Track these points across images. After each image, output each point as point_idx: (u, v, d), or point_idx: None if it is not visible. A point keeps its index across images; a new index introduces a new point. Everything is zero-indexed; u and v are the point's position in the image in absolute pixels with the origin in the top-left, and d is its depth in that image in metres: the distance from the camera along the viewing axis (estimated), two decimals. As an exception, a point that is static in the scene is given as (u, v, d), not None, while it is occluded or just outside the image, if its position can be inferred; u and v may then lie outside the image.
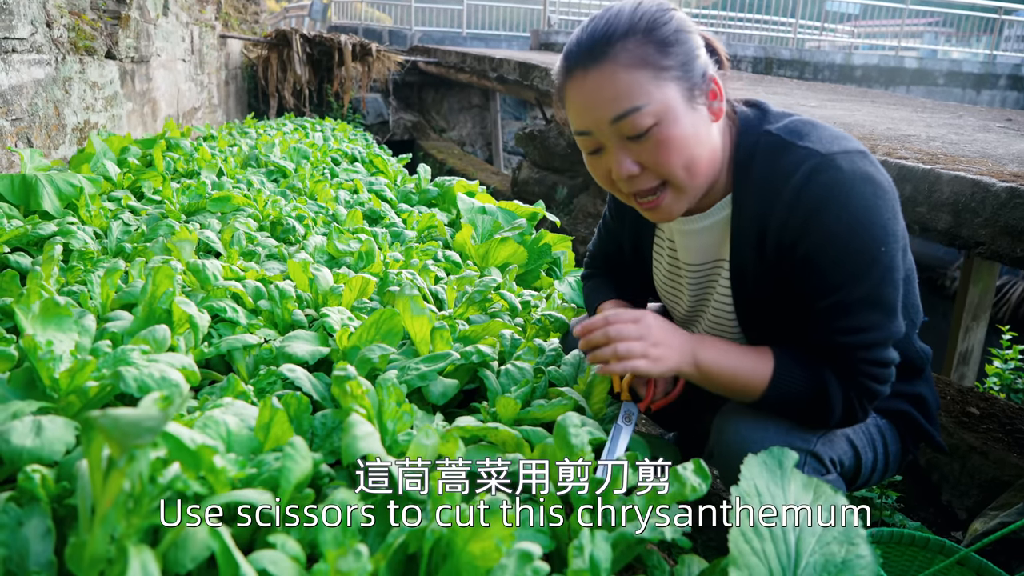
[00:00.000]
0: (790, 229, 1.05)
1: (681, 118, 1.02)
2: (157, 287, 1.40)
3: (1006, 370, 3.05)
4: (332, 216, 2.67)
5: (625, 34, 1.02)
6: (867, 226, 1.01)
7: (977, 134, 2.86)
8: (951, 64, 12.25)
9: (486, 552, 0.83)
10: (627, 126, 1.02)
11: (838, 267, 1.03)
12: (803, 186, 1.02)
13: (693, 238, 1.21)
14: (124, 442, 0.66)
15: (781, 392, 1.10)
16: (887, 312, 1.06)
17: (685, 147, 1.03)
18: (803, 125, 1.09)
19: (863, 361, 1.07)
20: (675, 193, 1.07)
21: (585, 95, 1.04)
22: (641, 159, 1.04)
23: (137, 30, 3.92)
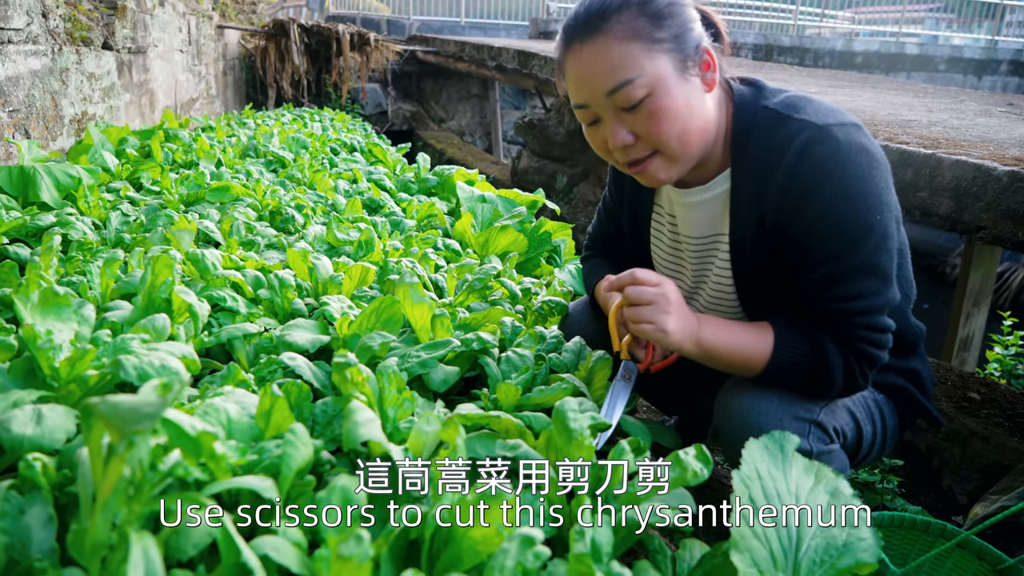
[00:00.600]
0: (788, 201, 1.07)
1: (673, 89, 1.05)
2: (156, 276, 1.40)
3: (1007, 356, 3.05)
4: (331, 205, 2.66)
5: (619, 7, 1.05)
6: (863, 195, 1.04)
7: (979, 119, 2.84)
8: (952, 50, 12.19)
9: (487, 537, 0.84)
10: (621, 98, 1.06)
11: (834, 235, 1.05)
12: (799, 158, 1.05)
13: (694, 211, 1.23)
14: (123, 428, 0.66)
15: (782, 364, 1.11)
16: (883, 279, 1.08)
17: (677, 118, 1.06)
18: (799, 100, 1.12)
19: (860, 327, 1.09)
20: (664, 160, 1.11)
21: (581, 68, 1.08)
22: (635, 129, 1.08)
23: (134, 20, 3.90)
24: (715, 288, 1.27)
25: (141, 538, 0.70)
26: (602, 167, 5.34)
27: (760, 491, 0.92)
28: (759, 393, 1.15)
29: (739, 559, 0.84)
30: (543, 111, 6.89)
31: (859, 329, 1.09)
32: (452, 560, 0.87)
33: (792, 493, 0.94)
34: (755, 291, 1.22)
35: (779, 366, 1.12)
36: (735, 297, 1.25)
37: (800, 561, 0.88)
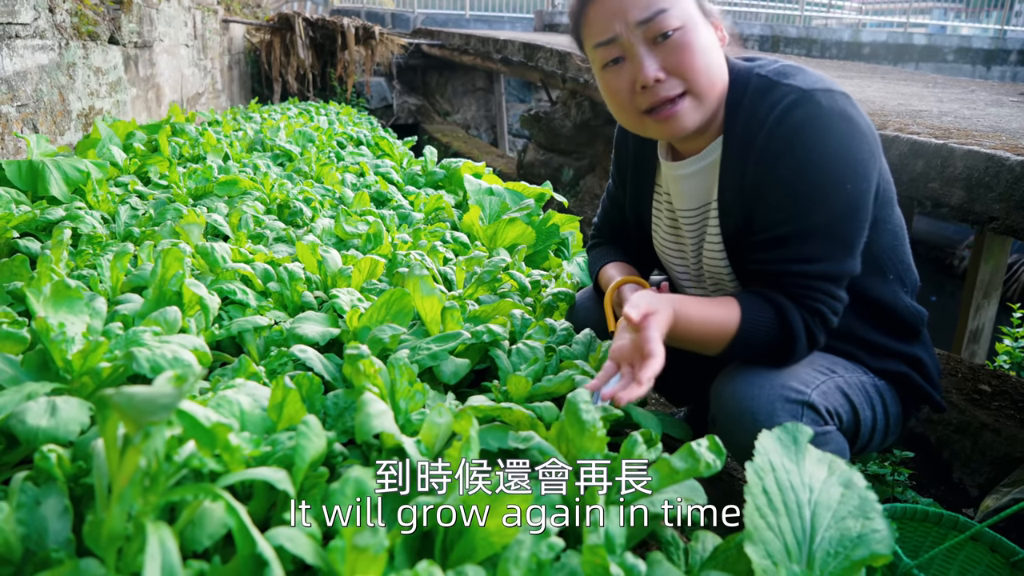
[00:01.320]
0: (764, 161, 1.10)
1: (701, 28, 1.10)
2: (167, 269, 1.40)
3: (1016, 348, 3.03)
4: (339, 199, 2.66)
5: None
6: (837, 160, 1.05)
7: (990, 108, 2.82)
8: (960, 40, 12.09)
9: (500, 529, 0.84)
10: (655, 27, 1.08)
11: (800, 194, 1.07)
12: (780, 120, 1.07)
13: (686, 182, 1.25)
14: (139, 419, 0.66)
15: (750, 330, 1.13)
16: (845, 247, 1.10)
17: (705, 53, 1.09)
18: (791, 68, 1.14)
19: (817, 289, 1.11)
20: (693, 101, 1.12)
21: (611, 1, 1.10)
22: (666, 63, 1.09)
23: (140, 15, 3.89)
24: (710, 259, 1.28)
25: (158, 529, 0.70)
26: (608, 160, 5.32)
27: (774, 482, 0.92)
28: (751, 379, 1.16)
29: (753, 551, 0.84)
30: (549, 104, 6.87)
31: (815, 292, 1.11)
32: (466, 552, 0.87)
33: (806, 485, 0.93)
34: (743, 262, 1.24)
35: (747, 332, 1.13)
36: (729, 268, 1.25)
37: (814, 553, 0.88)
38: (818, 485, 0.92)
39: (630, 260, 1.46)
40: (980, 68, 11.78)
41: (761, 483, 0.90)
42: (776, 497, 0.90)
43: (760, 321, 1.13)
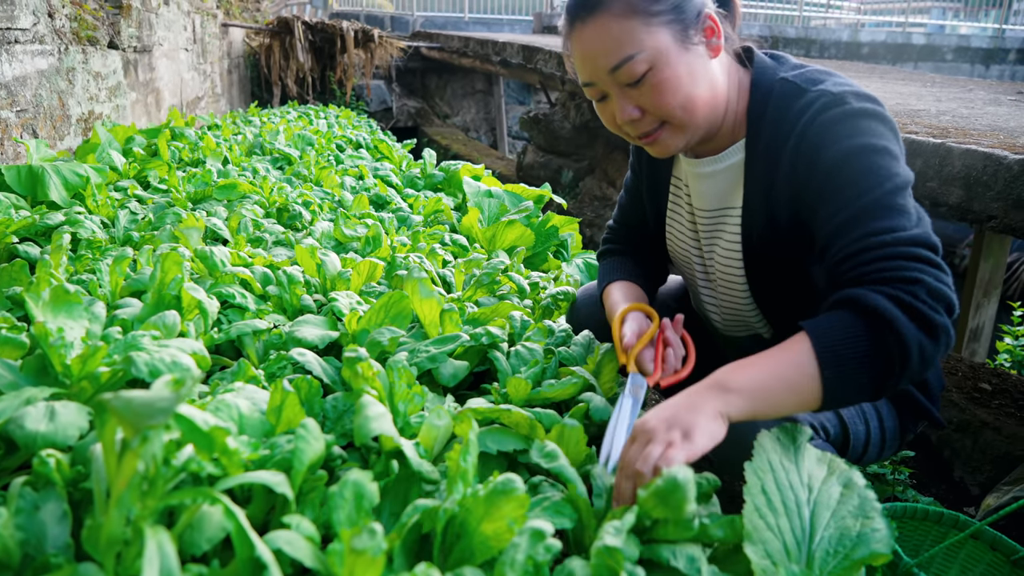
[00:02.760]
0: (800, 161, 1.06)
1: (674, 61, 1.06)
2: (166, 274, 1.40)
3: (1017, 346, 3.03)
4: (338, 202, 2.66)
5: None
6: (876, 148, 1.01)
7: (988, 107, 2.82)
8: (959, 39, 12.09)
9: (498, 532, 0.84)
10: (623, 75, 1.07)
11: (852, 181, 0.99)
12: (811, 121, 1.05)
13: (706, 182, 1.23)
14: (137, 423, 0.66)
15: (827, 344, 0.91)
16: (912, 218, 0.97)
17: (680, 88, 1.07)
18: (819, 73, 1.11)
19: (902, 256, 0.92)
20: (672, 129, 1.11)
21: (584, 47, 1.10)
22: (640, 103, 1.09)
23: (139, 19, 3.90)
24: (723, 265, 1.26)
25: (156, 533, 0.70)
26: (608, 162, 5.32)
27: (773, 482, 0.91)
28: None
29: (752, 551, 0.84)
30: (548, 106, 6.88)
31: (900, 261, 0.92)
32: (465, 554, 0.87)
33: (805, 484, 0.93)
34: (762, 267, 1.21)
35: (833, 355, 0.91)
36: (743, 274, 1.23)
37: (814, 552, 0.87)
38: (817, 484, 0.92)
39: (642, 272, 1.42)
40: (979, 67, 11.78)
41: (760, 483, 0.90)
42: (775, 497, 0.90)
43: (835, 326, 0.92)
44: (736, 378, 0.93)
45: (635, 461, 0.89)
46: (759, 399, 0.92)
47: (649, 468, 0.87)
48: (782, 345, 0.95)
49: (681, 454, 0.87)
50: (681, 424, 0.90)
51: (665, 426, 0.90)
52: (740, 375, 0.93)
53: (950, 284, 0.93)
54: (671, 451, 0.87)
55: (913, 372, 0.91)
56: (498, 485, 0.84)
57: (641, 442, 0.91)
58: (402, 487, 1.00)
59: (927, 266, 0.92)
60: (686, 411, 0.91)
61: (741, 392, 0.92)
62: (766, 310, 1.27)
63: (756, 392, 0.92)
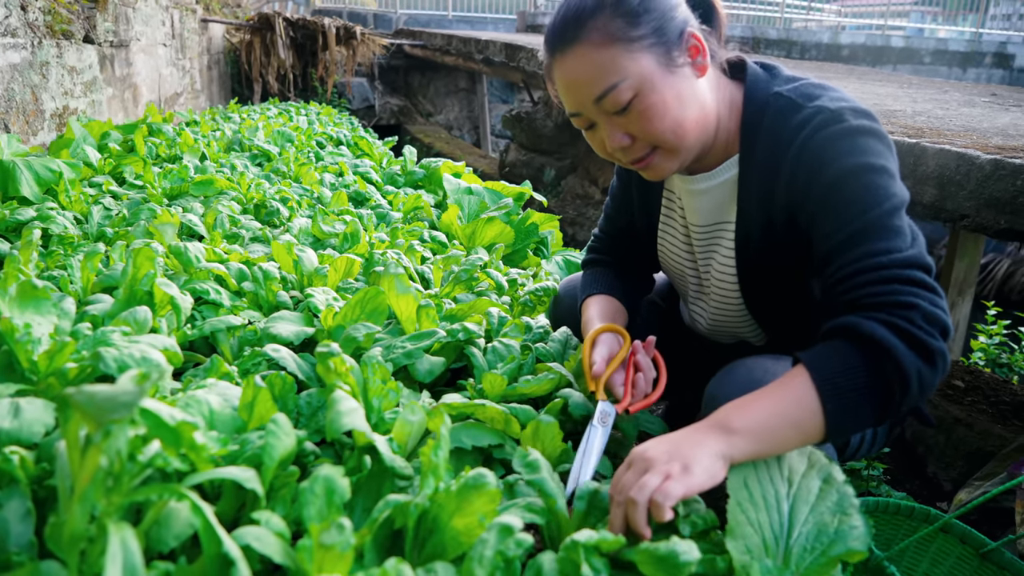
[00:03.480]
0: (798, 179, 1.05)
1: (660, 85, 1.03)
2: (138, 269, 1.38)
3: (991, 345, 3.07)
4: (317, 199, 2.65)
5: (593, 12, 1.03)
6: (875, 166, 0.99)
7: (962, 108, 2.86)
8: (937, 43, 12.25)
9: (470, 527, 0.83)
10: (609, 103, 1.04)
11: (852, 198, 0.98)
12: (809, 138, 1.03)
13: (700, 198, 1.21)
14: (100, 418, 0.65)
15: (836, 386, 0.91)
16: (908, 239, 0.97)
17: (667, 112, 1.04)
18: (814, 88, 1.09)
19: (896, 280, 0.92)
20: (665, 154, 1.09)
21: (566, 78, 1.07)
22: (629, 130, 1.07)
23: (115, 14, 3.85)
24: (719, 281, 1.24)
25: (120, 529, 0.69)
26: (590, 160, 5.34)
27: (754, 475, 0.91)
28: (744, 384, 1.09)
29: (733, 546, 0.83)
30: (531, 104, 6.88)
31: (893, 285, 0.92)
32: (437, 549, 0.86)
33: (785, 478, 0.92)
34: (758, 284, 1.19)
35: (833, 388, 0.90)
36: (738, 291, 1.22)
37: (791, 548, 0.87)
38: (797, 479, 0.92)
39: (624, 285, 1.40)
40: (956, 70, 11.95)
41: (742, 477, 0.90)
42: (756, 491, 0.89)
43: (833, 358, 0.92)
44: (738, 419, 0.91)
45: (630, 488, 0.87)
46: (763, 439, 0.90)
47: (644, 497, 0.84)
48: (780, 381, 0.94)
49: (679, 487, 0.84)
50: (681, 457, 0.88)
51: (665, 457, 0.88)
52: (742, 415, 0.91)
53: (945, 307, 0.92)
54: (668, 483, 0.85)
55: (913, 399, 0.90)
56: (469, 480, 0.83)
57: (638, 469, 0.89)
58: (375, 483, 0.99)
59: (922, 289, 0.92)
60: (688, 446, 0.89)
61: (744, 433, 0.90)
62: (761, 320, 1.26)
63: (759, 432, 0.90)
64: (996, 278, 7.38)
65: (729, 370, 1.15)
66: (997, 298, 7.01)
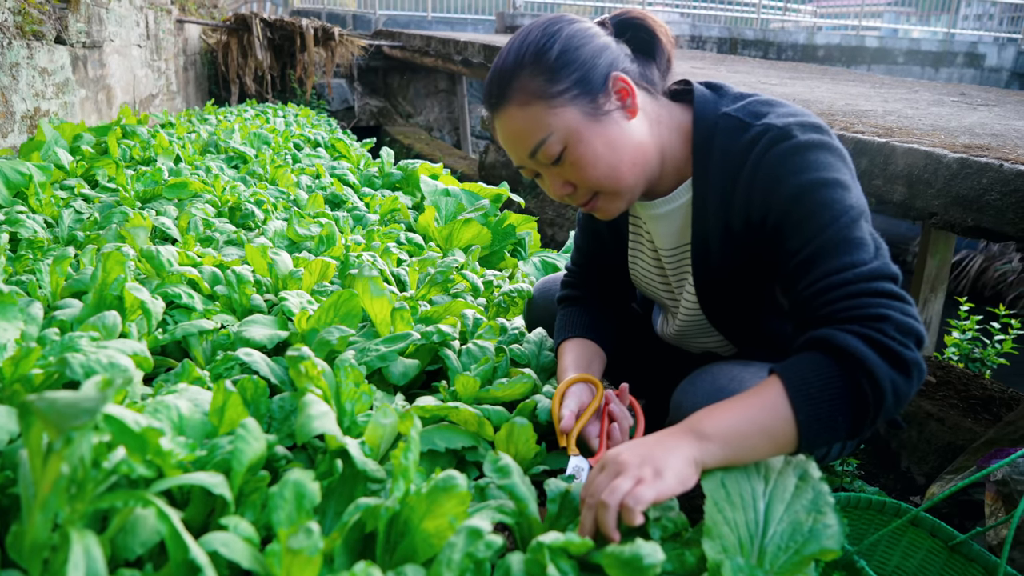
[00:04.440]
0: (754, 197, 1.05)
1: (586, 135, 1.05)
2: (108, 274, 1.37)
3: (964, 340, 3.12)
4: (293, 201, 2.63)
5: (514, 72, 1.05)
6: (828, 180, 0.99)
7: (931, 108, 2.90)
8: (911, 43, 12.43)
9: (440, 529, 0.83)
10: (542, 157, 1.07)
11: (810, 214, 0.99)
12: (761, 156, 1.03)
13: (662, 222, 1.21)
14: (61, 424, 0.64)
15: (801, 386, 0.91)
16: (871, 252, 0.97)
17: (599, 160, 1.05)
18: (760, 105, 1.09)
19: (866, 293, 0.93)
20: (607, 197, 1.11)
21: (502, 136, 1.10)
22: (568, 178, 1.09)
23: (88, 14, 3.80)
24: (688, 301, 1.24)
25: (83, 537, 0.68)
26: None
27: (732, 474, 0.91)
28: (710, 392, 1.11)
29: (709, 546, 0.83)
30: (510, 105, 6.85)
31: (864, 298, 0.92)
32: (408, 552, 0.86)
33: (761, 476, 0.92)
34: (718, 301, 1.20)
35: (806, 397, 0.90)
36: (699, 308, 1.22)
37: (766, 547, 0.86)
38: (774, 476, 0.92)
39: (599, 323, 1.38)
40: (929, 70, 12.14)
41: (720, 475, 0.90)
42: (733, 489, 0.89)
43: (807, 369, 0.92)
44: (712, 425, 0.91)
45: (601, 491, 0.87)
46: (735, 447, 0.90)
47: (615, 501, 0.85)
48: (755, 389, 0.94)
49: (651, 492, 0.84)
50: (654, 462, 0.88)
51: (638, 461, 0.88)
52: (716, 422, 0.91)
53: (916, 315, 0.92)
54: (640, 488, 0.85)
55: (888, 410, 0.90)
56: (439, 482, 0.83)
57: (610, 472, 0.89)
58: (347, 486, 0.99)
59: (891, 300, 0.92)
60: (661, 451, 0.89)
61: (717, 440, 0.90)
62: (727, 334, 1.26)
63: (732, 440, 0.90)
64: (970, 274, 7.50)
65: (695, 377, 1.15)
66: (971, 294, 7.12)
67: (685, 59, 6.24)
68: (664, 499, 0.86)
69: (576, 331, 1.34)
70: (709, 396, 1.10)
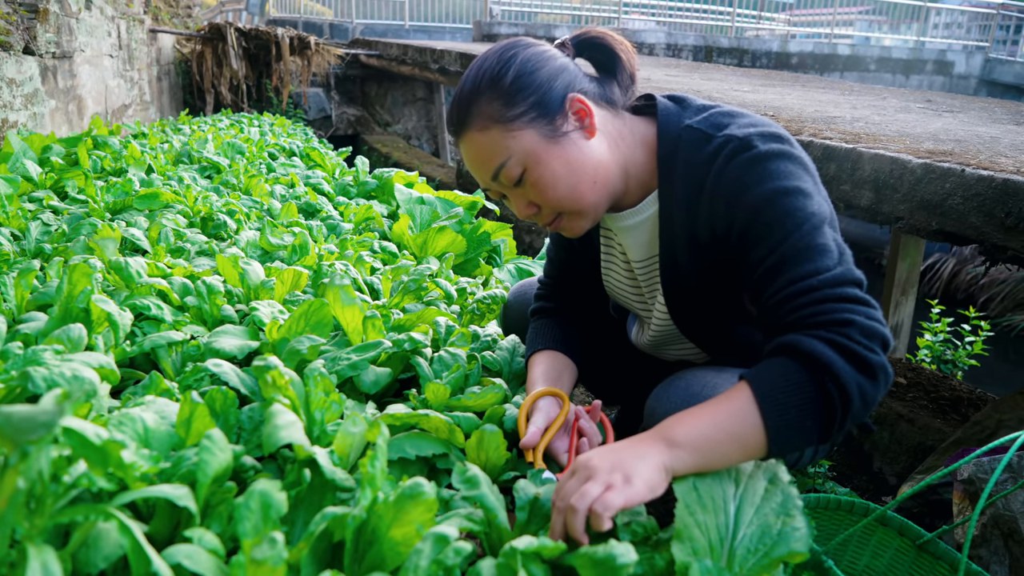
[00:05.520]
0: (717, 208, 1.06)
1: (544, 157, 1.07)
2: (74, 286, 1.35)
3: (935, 342, 3.17)
4: (267, 211, 2.61)
5: (472, 99, 1.07)
6: (789, 189, 1.01)
7: (898, 115, 2.96)
8: (882, 51, 12.67)
9: (408, 537, 0.83)
10: (504, 179, 1.09)
11: (773, 222, 0.99)
12: (723, 167, 1.04)
13: (631, 234, 1.22)
14: (17, 438, 0.63)
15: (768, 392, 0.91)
16: (835, 256, 0.98)
17: (558, 182, 1.07)
18: (722, 116, 1.10)
19: (830, 299, 0.93)
20: (570, 216, 1.12)
21: (466, 159, 1.13)
22: (530, 199, 1.11)
23: (57, 24, 3.76)
24: (660, 311, 1.25)
25: (41, 552, 0.67)
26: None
27: (703, 477, 0.91)
28: (684, 398, 1.12)
29: (679, 549, 0.83)
30: (487, 114, 6.87)
31: (829, 304, 0.93)
32: (376, 561, 0.86)
33: (732, 479, 0.93)
34: (689, 312, 1.21)
35: (774, 403, 0.91)
36: (670, 319, 1.23)
37: (735, 550, 0.87)
38: (744, 479, 0.93)
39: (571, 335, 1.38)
40: (900, 77, 12.37)
41: (692, 479, 0.91)
42: (704, 492, 0.90)
43: (774, 374, 0.92)
44: (682, 432, 0.91)
45: (571, 495, 0.87)
46: (705, 453, 0.91)
47: (584, 506, 0.85)
48: (724, 395, 0.95)
49: (620, 498, 0.85)
50: (623, 468, 0.88)
51: (608, 467, 0.89)
52: (686, 429, 0.92)
53: (881, 319, 0.93)
54: (609, 494, 0.85)
55: (856, 414, 0.91)
56: (406, 490, 0.83)
57: (581, 477, 0.89)
58: (316, 496, 0.98)
59: (856, 304, 0.92)
60: (631, 457, 0.90)
61: (687, 447, 0.91)
62: (699, 343, 1.27)
63: (702, 446, 0.91)
64: (942, 278, 7.63)
65: (669, 383, 1.16)
66: (943, 297, 7.24)
67: (660, 67, 6.31)
68: (633, 505, 0.86)
69: (547, 343, 1.34)
70: (683, 402, 1.11)
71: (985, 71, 12.98)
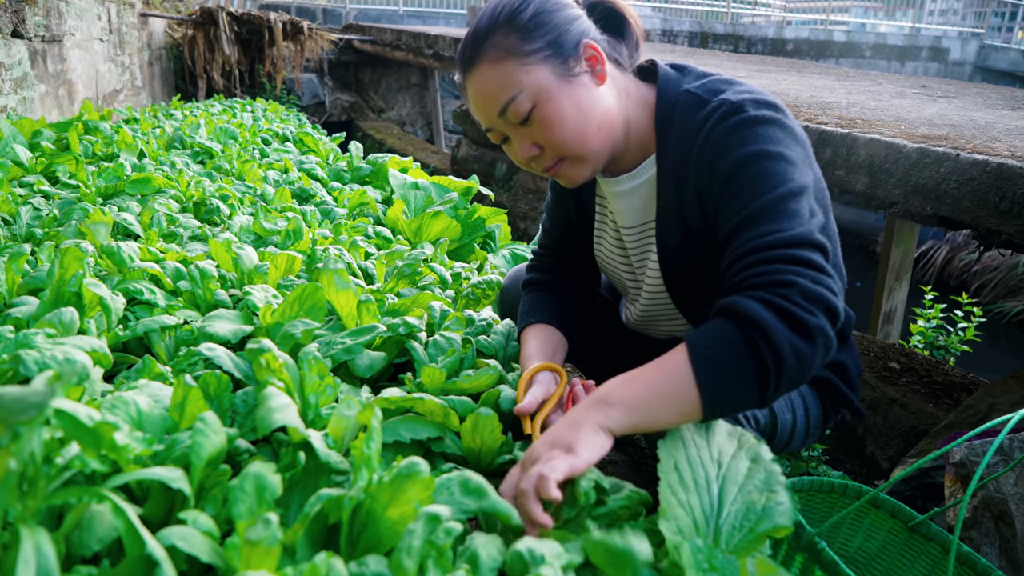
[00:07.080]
0: (703, 174, 1.07)
1: (556, 95, 1.07)
2: (65, 270, 1.34)
3: (928, 328, 3.19)
4: (260, 196, 2.60)
5: (488, 31, 1.08)
6: (771, 153, 1.00)
7: (893, 100, 2.96)
8: (877, 37, 12.64)
9: (404, 517, 0.83)
10: (511, 115, 1.08)
11: (746, 185, 0.99)
12: (712, 129, 1.06)
13: (625, 199, 1.23)
14: (7, 419, 0.63)
15: (702, 351, 0.91)
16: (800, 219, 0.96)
17: (566, 120, 1.07)
18: (720, 83, 1.12)
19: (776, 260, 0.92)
20: (572, 162, 1.12)
21: (473, 95, 1.12)
22: (535, 140, 1.11)
23: (47, 7, 3.71)
24: (651, 282, 1.25)
25: (33, 534, 0.67)
26: (541, 154, 5.35)
27: (685, 459, 0.93)
28: None
29: (666, 527, 0.85)
30: (482, 99, 6.84)
31: (773, 264, 0.91)
32: (372, 542, 0.86)
33: (714, 460, 0.94)
34: (683, 280, 1.20)
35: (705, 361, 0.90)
36: (664, 288, 1.23)
37: (721, 527, 0.89)
38: (727, 460, 0.94)
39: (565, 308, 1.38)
40: (895, 64, 12.35)
41: (673, 460, 0.91)
42: (687, 473, 0.91)
43: (709, 334, 0.92)
44: (615, 392, 0.93)
45: (522, 483, 0.89)
46: (638, 410, 0.92)
47: (531, 485, 0.86)
48: (662, 358, 0.95)
49: (563, 464, 0.86)
50: (562, 442, 0.90)
51: (547, 447, 0.91)
52: (619, 389, 0.93)
53: (830, 285, 0.91)
54: (552, 462, 0.87)
55: (792, 375, 0.90)
56: (402, 469, 0.83)
57: (527, 466, 0.92)
58: (311, 479, 0.98)
59: (804, 267, 0.91)
60: (567, 429, 0.92)
61: (619, 405, 0.92)
62: (690, 317, 1.27)
63: (634, 404, 0.92)
64: (936, 264, 7.66)
65: None
66: (936, 283, 7.27)
67: (656, 52, 6.27)
68: (580, 471, 0.88)
69: (541, 316, 1.34)
70: None
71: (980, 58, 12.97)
